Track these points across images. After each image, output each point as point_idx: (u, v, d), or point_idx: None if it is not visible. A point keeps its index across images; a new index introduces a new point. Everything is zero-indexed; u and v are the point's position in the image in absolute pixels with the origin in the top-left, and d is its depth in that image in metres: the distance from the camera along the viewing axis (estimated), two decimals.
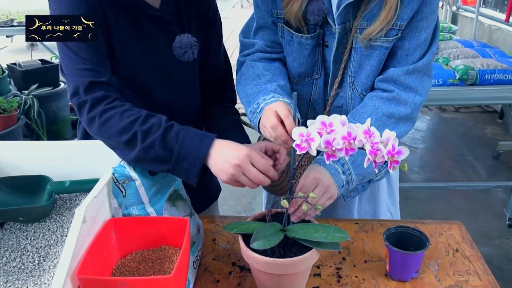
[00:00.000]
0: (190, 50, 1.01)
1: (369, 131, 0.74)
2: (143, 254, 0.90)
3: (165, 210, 0.93)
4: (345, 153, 0.74)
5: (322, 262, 0.98)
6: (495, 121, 4.00)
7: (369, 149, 0.72)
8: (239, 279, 0.94)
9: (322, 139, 0.74)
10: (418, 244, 0.92)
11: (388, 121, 1.01)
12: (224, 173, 0.82)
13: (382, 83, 1.03)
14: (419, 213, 2.60)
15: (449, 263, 0.98)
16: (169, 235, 0.89)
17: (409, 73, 1.00)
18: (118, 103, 0.90)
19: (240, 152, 0.82)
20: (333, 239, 0.80)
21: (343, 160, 0.98)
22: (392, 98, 1.01)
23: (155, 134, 0.86)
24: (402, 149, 0.72)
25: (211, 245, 1.05)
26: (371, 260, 0.99)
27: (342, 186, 0.97)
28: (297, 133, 0.76)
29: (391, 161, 0.72)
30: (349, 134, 0.73)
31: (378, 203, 1.26)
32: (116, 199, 0.91)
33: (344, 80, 1.08)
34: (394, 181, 1.29)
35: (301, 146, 0.75)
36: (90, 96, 0.88)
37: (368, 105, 1.03)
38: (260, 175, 0.82)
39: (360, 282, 0.92)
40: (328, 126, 0.75)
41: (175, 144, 0.85)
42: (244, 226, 0.85)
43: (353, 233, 1.08)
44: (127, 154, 0.89)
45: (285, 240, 0.83)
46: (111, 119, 0.88)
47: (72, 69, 0.90)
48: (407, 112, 1.01)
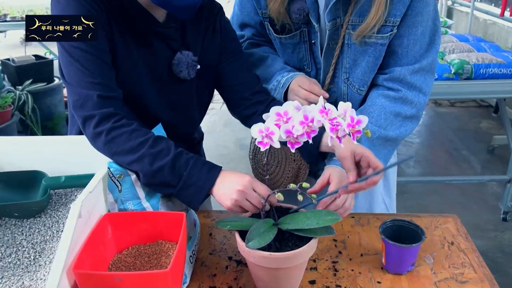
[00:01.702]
0: (186, 70, 0.99)
1: (324, 109, 0.74)
2: (139, 249, 0.89)
3: (161, 205, 0.93)
4: (307, 136, 0.74)
5: (319, 256, 0.98)
6: (490, 115, 4.01)
7: (329, 126, 0.72)
8: (235, 273, 0.94)
9: (281, 129, 0.74)
10: (413, 237, 0.92)
11: (395, 120, 1.04)
12: (228, 199, 0.85)
13: (388, 82, 1.05)
14: (414, 207, 2.61)
15: (444, 256, 0.98)
16: (166, 229, 0.89)
17: (415, 72, 1.02)
18: (126, 122, 0.89)
19: (243, 178, 0.85)
20: (325, 223, 0.80)
21: None
22: (398, 97, 1.03)
23: (164, 159, 0.87)
24: (361, 118, 0.73)
25: (208, 239, 1.05)
26: (367, 254, 0.99)
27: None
28: (256, 130, 0.76)
29: (353, 132, 0.73)
30: (306, 117, 0.73)
31: (373, 195, 1.27)
32: (112, 194, 0.91)
33: (337, 75, 1.09)
34: (391, 174, 1.30)
35: (263, 142, 0.76)
36: (99, 111, 0.87)
37: (375, 104, 1.05)
38: (261, 199, 0.85)
39: (356, 276, 0.93)
40: (283, 115, 0.75)
41: (184, 171, 0.87)
42: (237, 222, 0.85)
43: (349, 227, 1.09)
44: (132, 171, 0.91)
45: (282, 234, 0.83)
46: (119, 138, 0.87)
47: (78, 80, 0.88)
48: (413, 111, 1.04)
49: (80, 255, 0.76)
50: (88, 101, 0.88)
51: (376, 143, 1.04)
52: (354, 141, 0.73)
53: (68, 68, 0.89)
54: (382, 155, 1.05)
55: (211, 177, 0.87)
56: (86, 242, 0.80)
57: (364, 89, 1.08)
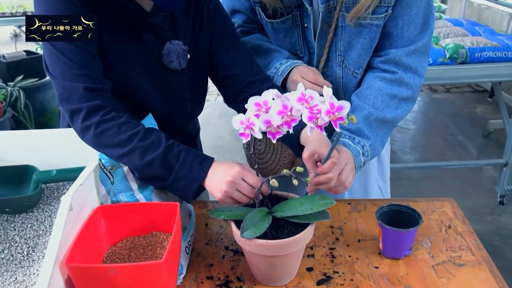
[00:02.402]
0: (177, 60, 0.97)
1: (304, 96, 0.72)
2: (133, 241, 0.89)
3: (154, 196, 0.92)
4: (288, 126, 0.73)
5: (316, 243, 0.98)
6: (485, 100, 4.01)
7: (307, 115, 0.70)
8: (232, 262, 0.93)
9: (259, 120, 0.72)
10: (410, 221, 0.91)
11: (392, 102, 1.04)
12: (219, 190, 0.84)
13: (384, 64, 1.04)
14: (411, 193, 2.61)
15: (441, 239, 0.98)
16: (160, 221, 0.88)
17: (410, 54, 1.02)
18: (115, 115, 0.87)
19: (233, 169, 0.84)
20: (319, 208, 0.79)
21: (363, 142, 1.00)
22: (395, 79, 1.03)
23: (155, 152, 0.85)
24: (342, 103, 0.70)
25: (204, 230, 1.05)
26: (364, 239, 0.99)
27: (360, 167, 1.00)
28: (237, 121, 0.75)
29: (334, 120, 0.71)
30: (284, 106, 0.72)
31: (368, 180, 1.27)
32: (104, 186, 0.90)
33: (331, 59, 1.08)
34: (385, 158, 1.30)
35: (245, 133, 0.74)
36: (86, 104, 0.86)
37: (372, 86, 1.05)
38: (252, 189, 0.84)
39: (353, 261, 0.92)
40: (263, 105, 0.74)
41: (175, 164, 0.86)
42: (231, 212, 0.84)
43: (346, 213, 1.08)
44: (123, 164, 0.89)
45: (277, 221, 0.82)
46: (108, 131, 0.86)
47: (63, 73, 0.86)
48: (408, 93, 1.04)
49: (73, 248, 0.75)
50: (74, 94, 0.86)
51: (373, 125, 1.04)
52: (337, 128, 0.71)
53: (52, 60, 0.87)
54: (378, 137, 1.04)
55: (203, 169, 0.86)
56: (79, 235, 0.78)
57: (359, 71, 1.07)
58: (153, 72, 0.98)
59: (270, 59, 1.13)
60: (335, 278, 0.88)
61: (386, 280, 0.87)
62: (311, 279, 0.88)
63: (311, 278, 0.88)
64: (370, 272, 0.89)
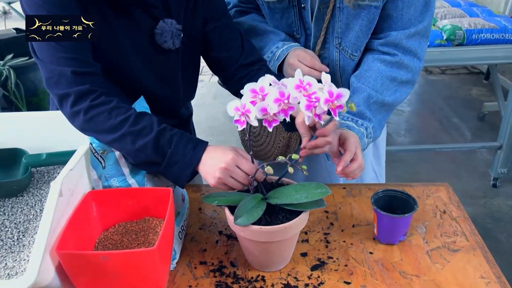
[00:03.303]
0: (171, 40, 0.94)
1: (302, 83, 0.70)
2: (126, 226, 0.88)
3: (146, 181, 0.91)
4: (285, 114, 0.71)
5: (310, 228, 0.97)
6: (481, 82, 3.99)
7: (305, 103, 0.69)
8: (226, 247, 0.93)
9: (256, 107, 0.71)
10: (405, 207, 0.91)
11: (391, 84, 1.03)
12: (212, 177, 0.83)
13: (384, 47, 1.03)
14: (405, 175, 2.62)
15: (436, 224, 0.98)
16: (152, 206, 0.87)
17: (410, 37, 1.01)
18: (105, 99, 0.85)
19: (227, 156, 0.82)
20: (314, 197, 0.78)
21: (366, 124, 1.00)
22: (395, 62, 1.02)
23: (147, 137, 0.83)
24: (341, 91, 0.69)
25: (197, 214, 1.04)
26: (359, 225, 0.98)
27: (363, 150, 0.99)
28: (233, 107, 0.73)
29: (333, 108, 0.69)
30: (281, 94, 0.70)
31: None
32: (95, 170, 0.89)
33: (328, 41, 1.06)
34: (380, 142, 1.29)
35: (240, 120, 0.73)
36: (74, 89, 0.83)
37: (372, 68, 1.04)
38: (246, 176, 0.82)
39: (348, 247, 0.92)
40: (259, 91, 0.72)
41: (168, 148, 0.84)
42: (225, 198, 0.83)
43: (341, 198, 1.08)
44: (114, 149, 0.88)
45: (272, 207, 0.81)
46: (98, 116, 0.84)
47: (50, 56, 0.83)
48: (408, 76, 1.03)
49: (64, 234, 0.74)
50: (62, 78, 0.83)
51: (373, 108, 1.03)
52: (336, 117, 0.70)
53: (38, 43, 0.84)
54: (377, 120, 1.04)
55: (197, 154, 0.84)
56: (70, 221, 0.77)
57: (357, 54, 1.05)
58: (145, 52, 0.95)
59: (266, 41, 1.10)
60: (329, 264, 0.87)
61: (381, 265, 0.87)
62: (305, 264, 0.88)
63: (305, 263, 0.88)
64: (364, 258, 0.89)
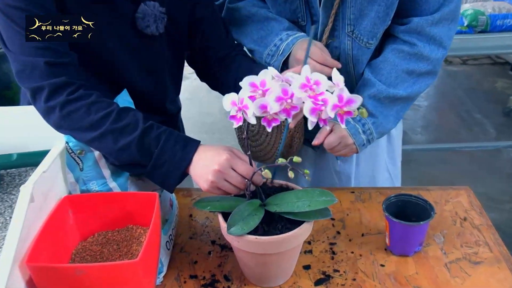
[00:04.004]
0: (154, 24, 0.93)
1: (309, 82, 0.69)
2: (106, 236, 0.87)
3: (130, 185, 0.91)
4: (287, 114, 0.70)
5: (314, 237, 0.97)
6: (507, 73, 3.99)
7: (310, 106, 0.67)
8: (220, 259, 0.92)
9: (255, 103, 0.69)
10: (421, 213, 0.90)
11: (408, 77, 1.04)
12: (204, 180, 0.82)
13: (405, 34, 1.03)
14: (421, 177, 2.62)
15: (456, 233, 0.97)
16: (136, 212, 0.87)
17: (435, 24, 1.00)
18: (83, 93, 0.84)
19: (221, 156, 0.81)
20: (318, 205, 0.77)
21: (364, 120, 1.04)
22: (413, 53, 1.03)
23: (131, 135, 0.83)
24: (353, 97, 0.68)
25: (188, 221, 1.03)
26: (369, 233, 0.98)
27: (363, 145, 1.05)
28: (229, 101, 0.72)
29: (341, 114, 0.68)
30: (285, 92, 0.69)
31: (376, 163, 1.26)
32: (72, 173, 0.88)
33: (338, 28, 1.05)
34: (396, 139, 1.29)
35: (236, 116, 0.72)
36: (48, 82, 0.83)
37: (387, 60, 1.05)
38: (242, 179, 0.81)
39: (356, 258, 0.91)
40: (260, 86, 0.71)
41: (154, 148, 0.84)
42: (218, 203, 0.83)
43: (349, 203, 1.07)
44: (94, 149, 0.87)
45: (270, 214, 0.80)
46: (76, 112, 0.83)
47: (21, 46, 0.83)
48: (428, 68, 1.04)
49: (35, 245, 0.73)
50: (34, 70, 0.83)
51: (384, 102, 1.05)
52: (342, 124, 0.69)
53: (7, 32, 0.83)
54: (393, 112, 1.05)
55: (187, 154, 0.84)
56: (42, 230, 0.77)
57: (373, 41, 1.04)
58: (126, 39, 0.94)
59: (267, 29, 1.09)
60: (335, 278, 0.87)
61: (393, 279, 0.86)
62: (308, 278, 0.87)
63: (308, 277, 0.87)
64: (375, 271, 0.88)
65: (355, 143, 1.04)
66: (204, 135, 3.16)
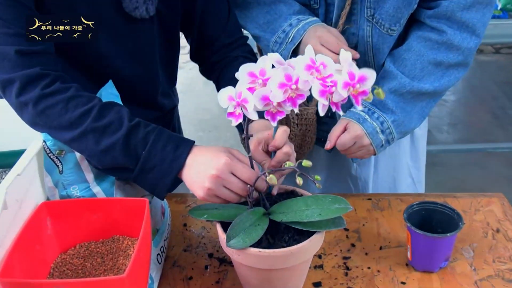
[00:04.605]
0: (144, 6, 0.94)
1: (314, 63, 0.68)
2: (89, 247, 0.88)
3: (116, 190, 0.91)
4: (292, 104, 0.70)
5: (325, 251, 0.97)
6: None
7: (319, 88, 0.67)
8: (218, 275, 0.93)
9: (255, 95, 0.69)
10: (448, 224, 0.91)
11: (436, 70, 1.04)
12: (200, 187, 0.82)
13: (432, 20, 1.03)
14: (448, 182, 2.62)
15: (488, 247, 0.97)
16: (123, 221, 0.88)
17: (467, 8, 1.00)
18: (60, 86, 0.85)
19: (219, 160, 0.81)
20: (330, 214, 0.77)
21: (383, 118, 1.03)
22: (442, 42, 1.03)
23: (114, 135, 0.83)
24: (365, 72, 0.68)
25: (181, 232, 1.04)
26: (388, 246, 0.98)
27: (382, 146, 1.06)
28: (225, 97, 0.72)
29: (355, 94, 0.68)
30: (288, 77, 0.69)
31: (397, 167, 1.26)
32: (50, 176, 0.89)
33: (355, 12, 1.06)
34: (420, 139, 1.29)
35: (235, 113, 0.72)
36: (19, 73, 0.83)
37: (412, 49, 1.05)
38: (244, 186, 0.81)
39: (374, 275, 0.91)
40: (260, 75, 0.71)
41: (141, 150, 0.84)
42: (217, 211, 0.83)
43: (365, 211, 1.08)
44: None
45: (276, 224, 0.80)
46: (52, 109, 0.84)
47: None
48: (459, 59, 1.04)
49: (8, 258, 0.74)
50: (4, 61, 0.83)
51: (407, 97, 1.04)
52: (358, 105, 0.69)
53: None
54: (417, 109, 1.06)
55: (179, 157, 0.84)
56: (17, 241, 0.77)
57: (396, 28, 1.04)
58: (112, 22, 0.95)
59: (275, 13, 1.10)
60: None
61: None
62: None
63: None
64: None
65: (372, 144, 1.04)
66: (200, 133, 3.17)
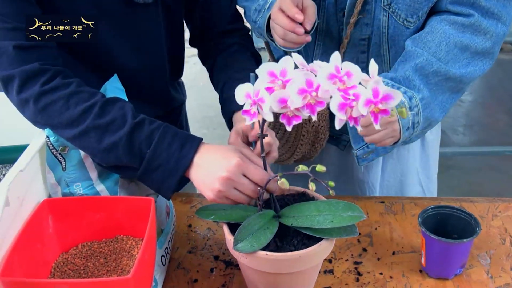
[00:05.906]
0: None
1: (339, 72, 0.68)
2: (92, 247, 0.89)
3: (120, 188, 0.92)
4: (311, 111, 0.69)
5: (336, 255, 0.97)
6: None
7: (338, 101, 0.66)
8: (223, 278, 0.93)
9: (272, 97, 0.69)
10: (464, 229, 0.91)
11: (461, 55, 1.01)
12: (209, 189, 0.82)
13: (455, 5, 1.01)
14: (464, 187, 2.62)
15: (505, 254, 0.97)
16: (128, 221, 0.88)
17: None
18: (61, 82, 0.85)
19: (229, 161, 0.81)
20: (342, 222, 0.77)
21: (411, 93, 0.96)
22: (469, 24, 1.00)
23: (117, 132, 0.83)
24: (392, 93, 0.67)
25: (186, 233, 1.04)
26: (401, 252, 0.98)
27: (407, 129, 0.96)
28: (243, 93, 0.72)
29: (375, 112, 0.67)
30: (309, 83, 0.68)
31: (406, 172, 1.25)
32: (53, 172, 0.90)
33: (370, 1, 1.03)
34: (431, 144, 1.27)
35: (250, 111, 0.72)
36: (18, 69, 0.84)
37: (436, 31, 1.01)
38: (255, 187, 0.81)
39: (386, 281, 0.92)
40: (280, 76, 0.71)
41: (146, 148, 0.84)
42: (224, 212, 0.83)
43: (377, 215, 1.08)
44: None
45: (285, 227, 0.81)
46: (52, 105, 0.84)
47: None
48: (486, 45, 1.01)
49: (9, 257, 0.74)
50: (3, 56, 0.84)
51: (431, 80, 0.99)
52: (377, 124, 0.67)
53: None
54: (438, 101, 1.01)
55: (185, 155, 0.84)
56: (18, 239, 0.78)
57: (413, 20, 1.03)
58: (113, 9, 0.95)
59: None
60: None
61: None
62: None
63: None
64: None
65: (399, 122, 0.94)
66: (204, 130, 3.18)
